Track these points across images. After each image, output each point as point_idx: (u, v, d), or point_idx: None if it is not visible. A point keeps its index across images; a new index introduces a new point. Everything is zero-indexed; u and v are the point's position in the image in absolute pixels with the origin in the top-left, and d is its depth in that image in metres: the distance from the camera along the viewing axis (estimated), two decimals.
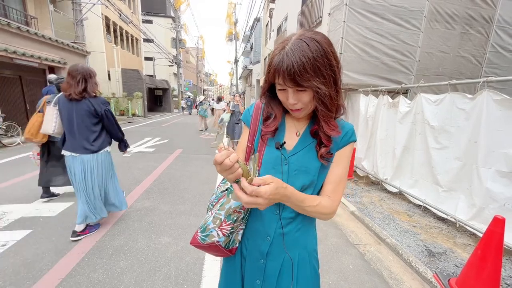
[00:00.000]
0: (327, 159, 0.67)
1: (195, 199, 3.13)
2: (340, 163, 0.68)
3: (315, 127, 0.67)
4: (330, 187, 0.68)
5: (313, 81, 0.56)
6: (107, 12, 13.17)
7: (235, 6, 22.57)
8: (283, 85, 0.59)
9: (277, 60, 0.57)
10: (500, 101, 2.17)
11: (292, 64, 0.54)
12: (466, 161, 2.47)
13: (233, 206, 0.67)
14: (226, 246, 0.70)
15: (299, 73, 0.55)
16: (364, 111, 4.14)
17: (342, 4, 4.13)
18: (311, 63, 0.55)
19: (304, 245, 0.73)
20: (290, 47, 0.56)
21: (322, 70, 0.57)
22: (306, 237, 0.73)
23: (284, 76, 0.56)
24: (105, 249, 2.01)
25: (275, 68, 0.58)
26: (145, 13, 21.65)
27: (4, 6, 7.20)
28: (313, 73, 0.56)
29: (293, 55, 0.55)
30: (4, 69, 6.72)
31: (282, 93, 0.63)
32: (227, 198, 0.68)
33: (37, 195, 3.00)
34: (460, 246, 2.27)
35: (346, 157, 0.69)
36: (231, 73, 38.40)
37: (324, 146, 0.66)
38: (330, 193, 0.67)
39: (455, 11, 4.42)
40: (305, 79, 0.55)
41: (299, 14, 8.23)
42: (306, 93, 0.59)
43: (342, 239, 2.41)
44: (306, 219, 0.72)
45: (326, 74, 0.58)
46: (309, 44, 0.56)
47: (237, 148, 0.79)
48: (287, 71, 0.55)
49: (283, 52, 0.57)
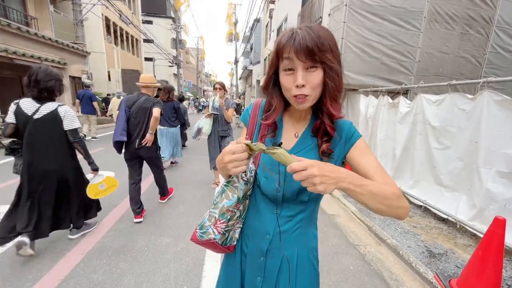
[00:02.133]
0: (329, 155, 0.66)
1: (194, 200, 3.13)
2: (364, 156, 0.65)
3: (317, 123, 0.66)
4: (376, 176, 0.60)
5: (328, 55, 0.56)
6: (107, 12, 13.19)
7: (235, 6, 22.60)
8: (292, 62, 0.56)
9: (288, 37, 0.57)
10: (500, 102, 2.17)
11: (305, 37, 0.54)
12: (467, 161, 2.47)
13: (226, 205, 0.67)
14: (223, 243, 0.71)
15: (317, 43, 0.54)
16: (364, 111, 4.14)
17: (342, 5, 4.14)
18: (325, 39, 0.56)
19: (303, 243, 0.73)
20: (300, 29, 0.57)
21: (333, 49, 0.58)
22: (305, 235, 0.73)
23: (298, 48, 0.54)
24: (105, 250, 2.00)
25: (284, 44, 0.57)
26: (145, 14, 21.69)
27: (5, 7, 7.21)
28: (327, 49, 0.56)
29: (306, 32, 0.55)
30: (4, 70, 6.73)
31: (289, 76, 0.59)
32: (221, 197, 0.68)
33: None
34: (460, 247, 2.27)
35: (366, 150, 0.66)
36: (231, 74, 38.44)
37: (326, 141, 0.65)
38: (380, 180, 0.60)
39: (455, 11, 4.42)
40: (322, 50, 0.55)
41: (299, 14, 8.24)
42: (315, 73, 0.57)
43: (343, 240, 2.40)
44: (306, 218, 0.71)
45: (335, 55, 0.59)
46: (319, 28, 0.58)
47: None
48: (301, 43, 0.54)
49: (294, 31, 0.57)
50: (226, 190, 0.67)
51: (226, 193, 0.67)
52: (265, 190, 0.68)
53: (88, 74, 9.61)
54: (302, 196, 0.67)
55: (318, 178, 0.48)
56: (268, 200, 0.70)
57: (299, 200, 0.67)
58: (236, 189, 0.67)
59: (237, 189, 0.67)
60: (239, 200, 0.68)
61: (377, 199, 0.54)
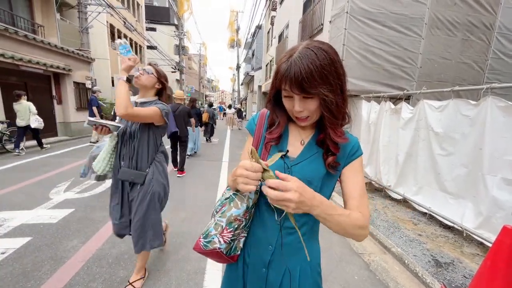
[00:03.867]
0: (335, 167, 0.66)
1: (196, 206, 3.10)
2: (355, 176, 0.67)
3: (321, 136, 0.67)
4: (354, 202, 0.65)
5: (320, 88, 0.57)
6: (112, 20, 13.46)
7: (237, 14, 22.98)
8: (289, 92, 0.59)
9: (285, 67, 0.58)
10: (504, 108, 2.15)
11: (300, 70, 0.55)
12: (472, 168, 2.43)
13: (234, 214, 0.66)
14: (227, 253, 0.70)
15: (307, 80, 0.55)
16: (366, 117, 4.13)
17: (343, 12, 4.18)
18: (319, 70, 0.55)
19: (305, 257, 0.71)
20: (298, 55, 0.57)
21: (329, 78, 0.57)
22: (308, 248, 0.72)
23: (291, 82, 0.56)
24: (105, 258, 1.98)
25: (282, 75, 0.58)
26: (149, 21, 22.09)
27: (13, 15, 7.38)
28: (320, 80, 0.56)
29: (301, 62, 0.55)
30: (10, 76, 6.83)
31: (288, 101, 0.63)
32: (229, 205, 0.68)
33: (38, 201, 3.00)
34: (468, 256, 2.21)
35: (359, 170, 0.68)
36: (233, 79, 38.78)
37: (331, 154, 0.65)
38: (357, 207, 0.65)
39: (456, 18, 4.45)
40: (312, 86, 0.56)
41: (300, 21, 8.34)
42: (312, 101, 0.59)
43: (346, 248, 2.35)
44: (309, 231, 0.71)
45: (333, 82, 0.58)
46: (316, 52, 0.56)
47: (241, 157, 0.78)
48: (294, 78, 0.55)
49: (291, 60, 0.57)
50: (235, 199, 0.66)
51: (235, 202, 0.66)
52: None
53: (92, 80, 9.74)
54: None
55: (294, 205, 0.51)
56: (271, 210, 0.69)
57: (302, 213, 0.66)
58: (245, 198, 0.66)
59: (246, 198, 0.66)
60: (248, 208, 0.67)
61: (339, 227, 0.59)
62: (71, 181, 3.78)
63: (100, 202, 3.07)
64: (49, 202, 3.00)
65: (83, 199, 3.15)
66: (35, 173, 4.15)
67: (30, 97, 7.41)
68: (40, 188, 3.47)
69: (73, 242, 2.17)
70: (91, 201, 3.08)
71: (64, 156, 5.58)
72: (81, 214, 2.72)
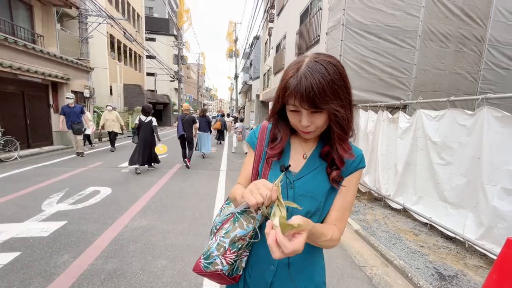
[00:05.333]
0: (339, 182, 0.64)
1: (194, 217, 3.03)
2: (348, 190, 0.66)
3: (325, 149, 0.65)
4: (336, 214, 0.65)
5: (332, 104, 0.55)
6: (112, 30, 13.67)
7: (236, 25, 23.54)
8: (298, 106, 0.57)
9: (294, 82, 0.55)
10: (500, 118, 2.18)
11: (311, 86, 0.53)
12: (471, 177, 2.43)
13: (238, 235, 0.63)
14: (229, 274, 0.66)
15: (319, 95, 0.54)
16: (364, 126, 4.15)
17: (339, 24, 4.29)
18: (330, 85, 0.54)
19: (310, 276, 0.68)
20: (307, 69, 0.55)
21: (339, 93, 0.56)
22: (313, 267, 0.69)
23: (302, 98, 0.54)
24: (97, 274, 1.89)
25: (292, 90, 0.56)
26: (149, 32, 22.47)
27: (13, 25, 7.45)
28: (332, 96, 0.55)
29: (312, 77, 0.54)
30: (7, 85, 6.80)
31: (294, 115, 0.61)
32: (233, 226, 0.64)
33: (30, 213, 2.90)
34: (471, 268, 2.17)
35: (354, 184, 0.67)
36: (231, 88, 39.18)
37: (336, 169, 0.63)
38: (335, 220, 0.64)
39: (448, 31, 4.59)
40: (324, 102, 0.54)
41: (297, 33, 8.55)
42: (320, 116, 0.58)
43: (348, 261, 2.29)
44: (313, 249, 0.68)
45: (343, 97, 0.57)
46: (326, 67, 0.55)
47: (241, 171, 0.76)
48: (306, 93, 0.54)
49: (300, 74, 0.55)
50: (240, 219, 0.63)
51: (240, 222, 0.63)
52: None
53: (90, 89, 9.75)
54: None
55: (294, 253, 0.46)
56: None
57: None
58: (253, 219, 0.63)
59: (253, 220, 0.63)
60: (254, 229, 0.64)
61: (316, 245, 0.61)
62: (65, 192, 3.69)
63: (94, 214, 2.99)
64: (41, 214, 2.90)
65: (76, 210, 3.06)
66: (28, 183, 4.05)
67: (26, 105, 7.38)
68: (32, 199, 3.37)
69: (64, 257, 2.08)
70: (85, 213, 2.99)
71: (59, 166, 5.48)
72: (74, 227, 2.63)
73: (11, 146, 5.99)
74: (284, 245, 0.43)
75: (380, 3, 4.27)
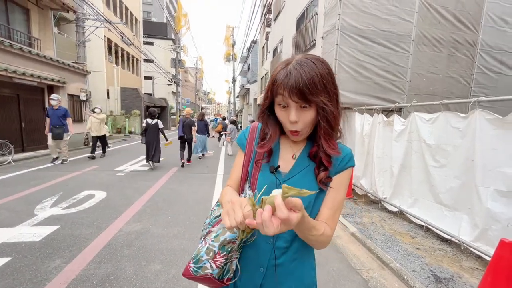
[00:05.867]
0: (326, 183, 0.64)
1: (189, 221, 3.00)
2: (339, 188, 0.65)
3: (314, 149, 0.65)
4: (328, 212, 0.64)
5: (320, 96, 0.56)
6: (110, 34, 13.70)
7: (233, 29, 23.74)
8: (287, 99, 0.56)
9: (284, 73, 0.56)
10: (492, 121, 2.21)
11: (301, 76, 0.54)
12: (465, 180, 2.44)
13: (228, 238, 0.62)
14: (219, 277, 0.65)
15: (308, 86, 0.54)
16: (360, 129, 4.18)
17: (334, 29, 4.35)
18: (319, 78, 0.55)
19: (300, 277, 0.67)
20: (296, 63, 0.56)
21: (327, 88, 0.57)
22: (302, 268, 0.68)
23: (291, 89, 0.54)
24: (89, 279, 1.86)
25: (281, 82, 0.56)
26: (147, 36, 22.57)
27: (9, 28, 7.44)
28: (321, 88, 0.56)
29: (302, 70, 0.55)
30: (3, 88, 6.75)
31: (283, 112, 0.60)
32: (223, 229, 0.63)
33: (22, 218, 2.85)
34: (467, 271, 2.17)
35: (344, 183, 0.66)
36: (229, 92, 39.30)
37: (323, 170, 0.63)
38: (327, 219, 0.64)
39: (441, 35, 4.68)
40: (313, 93, 0.55)
41: (293, 37, 8.65)
42: (309, 112, 0.58)
43: (344, 264, 2.28)
44: (303, 248, 0.67)
45: (331, 92, 0.58)
46: (315, 62, 0.57)
47: (231, 173, 0.76)
48: (295, 84, 0.54)
49: (289, 67, 0.56)
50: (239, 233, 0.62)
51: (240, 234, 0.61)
52: None
53: (86, 92, 9.71)
54: None
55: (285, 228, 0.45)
56: None
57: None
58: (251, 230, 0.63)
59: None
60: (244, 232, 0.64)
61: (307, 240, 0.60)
62: (59, 196, 3.64)
63: (88, 218, 2.94)
64: (34, 218, 2.85)
65: (69, 215, 3.01)
66: (22, 187, 3.99)
67: (21, 109, 7.32)
68: (25, 203, 3.31)
69: (55, 262, 2.04)
70: (79, 217, 2.95)
71: (54, 170, 5.42)
72: (66, 231, 2.59)
73: (5, 149, 5.91)
74: (281, 209, 0.42)
75: (374, 8, 4.35)
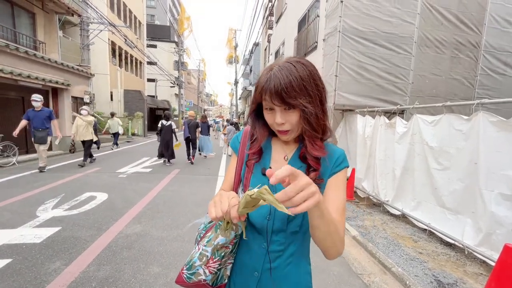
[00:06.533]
0: (319, 185, 0.62)
1: (189, 223, 2.99)
2: (337, 190, 0.64)
3: (303, 150, 0.64)
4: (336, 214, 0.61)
5: (300, 99, 0.56)
6: (114, 37, 13.87)
7: (235, 32, 23.89)
8: (270, 103, 0.59)
9: (264, 79, 0.59)
10: (496, 123, 2.17)
11: (279, 81, 0.55)
12: (468, 183, 2.40)
13: (221, 243, 0.61)
14: (213, 283, 0.65)
15: (286, 90, 0.55)
16: (362, 131, 4.15)
17: (336, 31, 4.35)
18: (298, 81, 0.56)
19: (296, 281, 0.66)
20: (277, 68, 0.58)
21: (308, 89, 0.57)
22: (298, 272, 0.67)
23: (271, 93, 0.56)
24: (88, 282, 1.86)
25: (262, 86, 0.59)
26: (150, 38, 22.81)
27: (15, 32, 7.58)
28: (300, 91, 0.56)
29: (280, 74, 0.56)
30: (8, 91, 6.87)
31: (270, 114, 0.62)
32: (215, 233, 0.63)
33: (24, 219, 2.87)
34: (471, 276, 2.12)
35: (342, 184, 0.65)
36: (231, 94, 39.45)
37: (313, 171, 0.62)
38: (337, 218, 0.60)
39: (444, 37, 4.64)
40: (291, 96, 0.56)
41: (295, 39, 8.66)
42: (294, 113, 0.59)
43: (345, 268, 2.25)
44: (297, 252, 0.66)
45: (313, 93, 0.58)
46: (295, 65, 0.58)
47: (225, 176, 0.75)
48: (274, 88, 0.56)
49: (271, 73, 0.58)
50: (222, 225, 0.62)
51: (221, 230, 0.61)
52: (254, 219, 0.64)
53: (90, 95, 9.82)
54: (292, 225, 0.62)
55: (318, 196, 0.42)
56: (256, 232, 0.65)
57: (289, 231, 0.62)
58: (235, 225, 0.62)
59: (236, 226, 0.62)
60: (236, 235, 0.63)
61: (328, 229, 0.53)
62: (61, 197, 3.66)
63: (89, 219, 2.95)
64: (35, 220, 2.87)
65: (71, 216, 3.03)
66: (24, 189, 4.03)
67: (26, 111, 7.42)
68: (27, 205, 3.34)
69: (55, 264, 2.04)
70: (80, 219, 2.96)
71: (57, 171, 5.47)
72: (67, 233, 2.60)
73: (9, 151, 5.99)
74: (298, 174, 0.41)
75: (376, 10, 4.33)
